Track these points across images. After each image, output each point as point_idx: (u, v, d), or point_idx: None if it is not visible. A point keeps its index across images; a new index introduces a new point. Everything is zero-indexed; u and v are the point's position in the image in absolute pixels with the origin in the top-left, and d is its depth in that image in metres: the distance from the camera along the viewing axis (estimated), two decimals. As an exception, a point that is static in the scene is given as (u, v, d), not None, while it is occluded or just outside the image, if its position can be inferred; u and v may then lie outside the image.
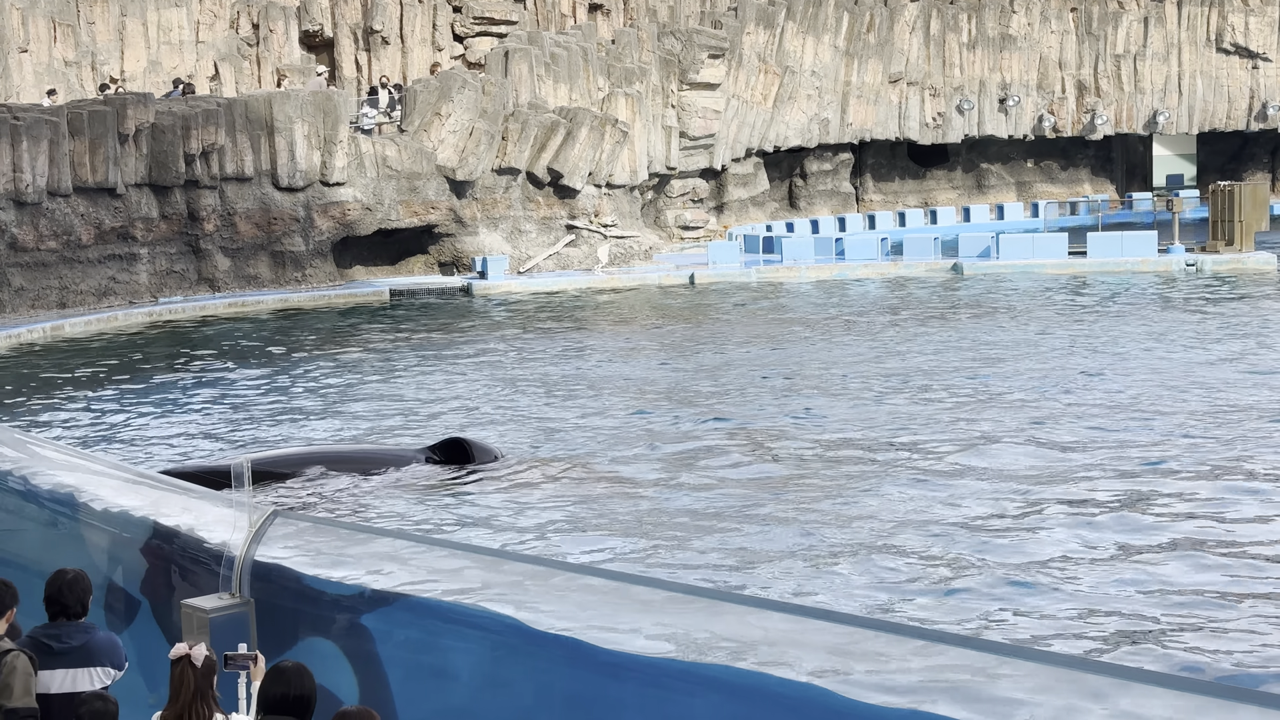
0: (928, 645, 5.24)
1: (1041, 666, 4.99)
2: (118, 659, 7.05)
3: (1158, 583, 12.85)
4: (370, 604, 6.86)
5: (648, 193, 47.05)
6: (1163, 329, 28.73)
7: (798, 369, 25.31)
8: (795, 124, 51.05)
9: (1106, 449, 18.14)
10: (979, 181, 58.06)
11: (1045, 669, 4.96)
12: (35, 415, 22.73)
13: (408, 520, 15.68)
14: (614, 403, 22.63)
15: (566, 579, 6.48)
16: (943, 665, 5.07)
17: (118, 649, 7.07)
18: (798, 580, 13.18)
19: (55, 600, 7.05)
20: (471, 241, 40.56)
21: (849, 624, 5.65)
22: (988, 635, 11.37)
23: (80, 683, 6.89)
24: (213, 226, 36.89)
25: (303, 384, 25.50)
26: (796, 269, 40.77)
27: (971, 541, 14.22)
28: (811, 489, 16.61)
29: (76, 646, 6.94)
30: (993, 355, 26.13)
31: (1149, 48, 56.78)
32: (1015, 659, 5.06)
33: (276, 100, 37.84)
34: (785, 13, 50.23)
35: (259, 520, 7.19)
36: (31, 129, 33.30)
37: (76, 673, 6.90)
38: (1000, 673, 4.92)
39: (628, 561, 13.76)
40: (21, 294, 33.88)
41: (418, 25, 46.89)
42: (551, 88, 42.87)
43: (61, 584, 7.08)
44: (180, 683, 6.26)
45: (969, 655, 5.13)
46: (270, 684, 5.93)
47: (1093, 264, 39.66)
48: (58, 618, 7.03)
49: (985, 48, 54.78)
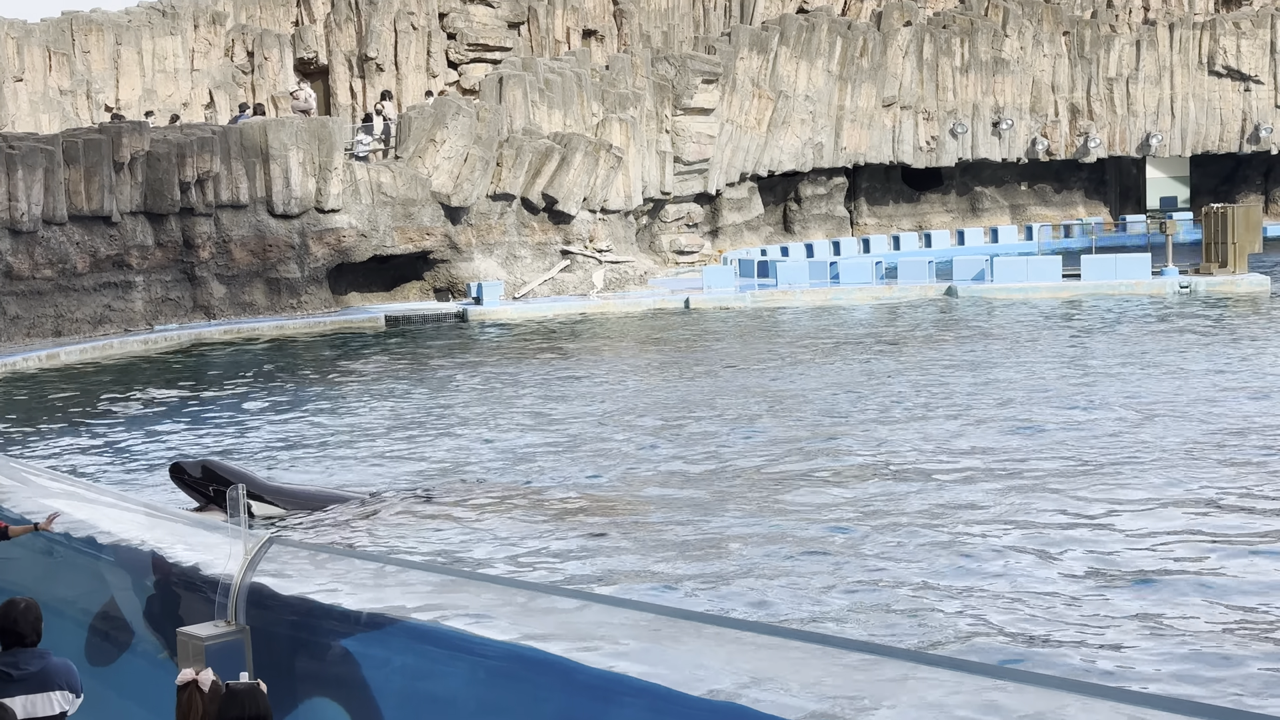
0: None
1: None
2: (74, 683, 7.15)
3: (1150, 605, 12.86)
4: (367, 630, 6.86)
5: (642, 218, 47.14)
6: (1158, 350, 28.76)
7: (787, 393, 25.33)
8: (789, 148, 51.19)
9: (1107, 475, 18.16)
10: (973, 205, 58.22)
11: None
12: (30, 443, 22.71)
13: (394, 547, 15.67)
14: (600, 428, 22.63)
15: (566, 603, 6.48)
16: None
17: (73, 673, 7.19)
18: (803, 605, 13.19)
19: (9, 630, 7.14)
20: (467, 267, 40.61)
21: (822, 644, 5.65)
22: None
23: (39, 708, 6.98)
24: (208, 254, 36.93)
25: (294, 411, 25.50)
26: (791, 293, 40.82)
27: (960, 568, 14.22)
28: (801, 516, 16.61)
29: (33, 673, 7.04)
30: (989, 377, 26.14)
31: (1141, 71, 56.98)
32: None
33: (271, 127, 37.93)
34: (778, 38, 50.40)
35: (255, 547, 7.19)
36: (27, 158, 33.36)
37: (35, 698, 7.00)
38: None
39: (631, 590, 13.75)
40: (17, 322, 33.89)
41: (412, 52, 47.04)
42: (546, 113, 42.98)
43: (15, 614, 7.18)
44: (189, 709, 6.25)
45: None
46: (226, 707, 5.95)
47: (1087, 287, 39.73)
48: (12, 647, 7.12)
49: (978, 71, 54.97)
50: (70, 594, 9.06)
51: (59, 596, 9.22)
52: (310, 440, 22.73)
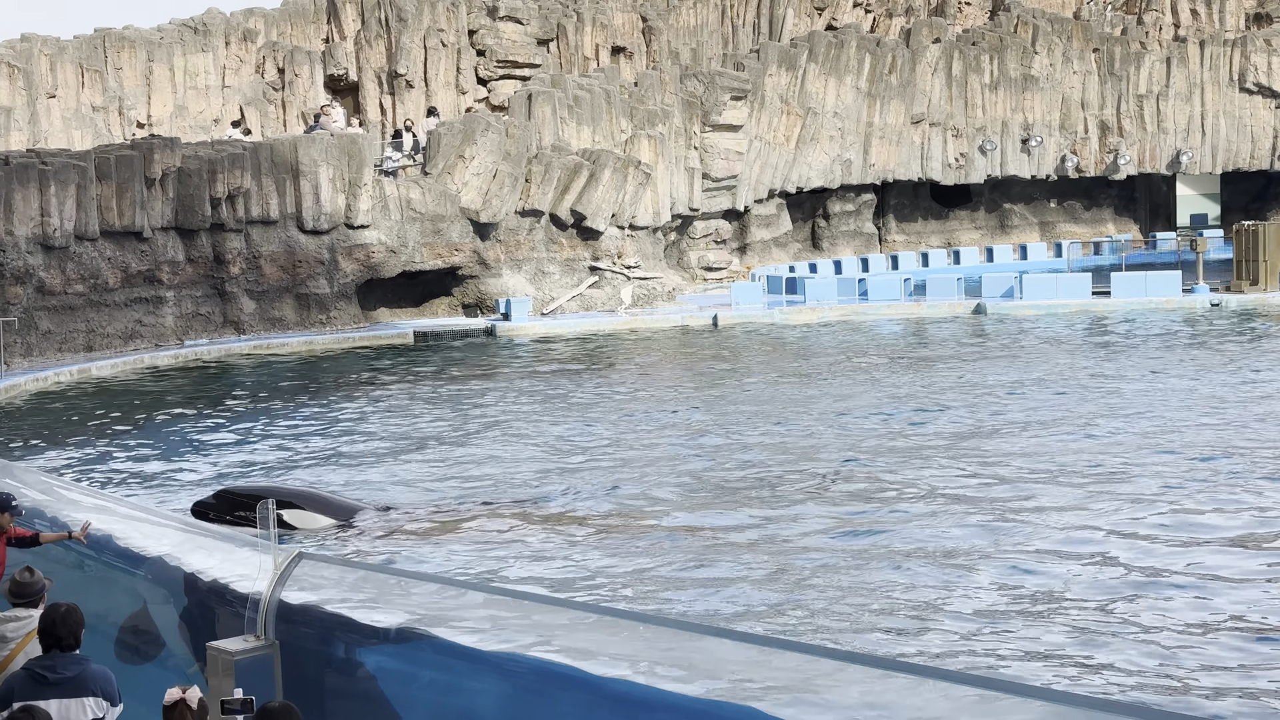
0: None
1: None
2: (111, 691, 7.20)
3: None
4: (395, 645, 6.88)
5: (671, 234, 47.17)
6: (1191, 368, 28.64)
7: (817, 407, 25.30)
8: (818, 165, 51.17)
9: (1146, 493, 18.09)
10: (1002, 222, 58.08)
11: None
12: (62, 458, 22.84)
13: (412, 563, 15.69)
14: (622, 449, 22.63)
15: (592, 620, 6.50)
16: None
17: (111, 681, 7.23)
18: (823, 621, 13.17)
19: (49, 633, 7.22)
20: (495, 283, 40.70)
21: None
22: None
23: (73, 713, 7.04)
24: (238, 269, 37.10)
25: (321, 425, 25.58)
26: (819, 310, 40.78)
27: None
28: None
29: (70, 677, 7.11)
30: (1017, 394, 26.06)
31: (1172, 88, 56.80)
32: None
33: (302, 144, 38.11)
34: (807, 54, 50.42)
35: (284, 562, 7.23)
36: (59, 173, 33.58)
37: (69, 703, 7.06)
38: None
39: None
40: (49, 337, 34.09)
41: (441, 69, 47.20)
42: (575, 130, 43.07)
43: (55, 617, 7.25)
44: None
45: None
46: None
47: (1116, 304, 39.59)
48: (51, 650, 7.19)
49: (1007, 88, 54.87)
50: (100, 607, 9.12)
51: (89, 610, 9.28)
52: (331, 454, 22.79)
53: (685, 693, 5.64)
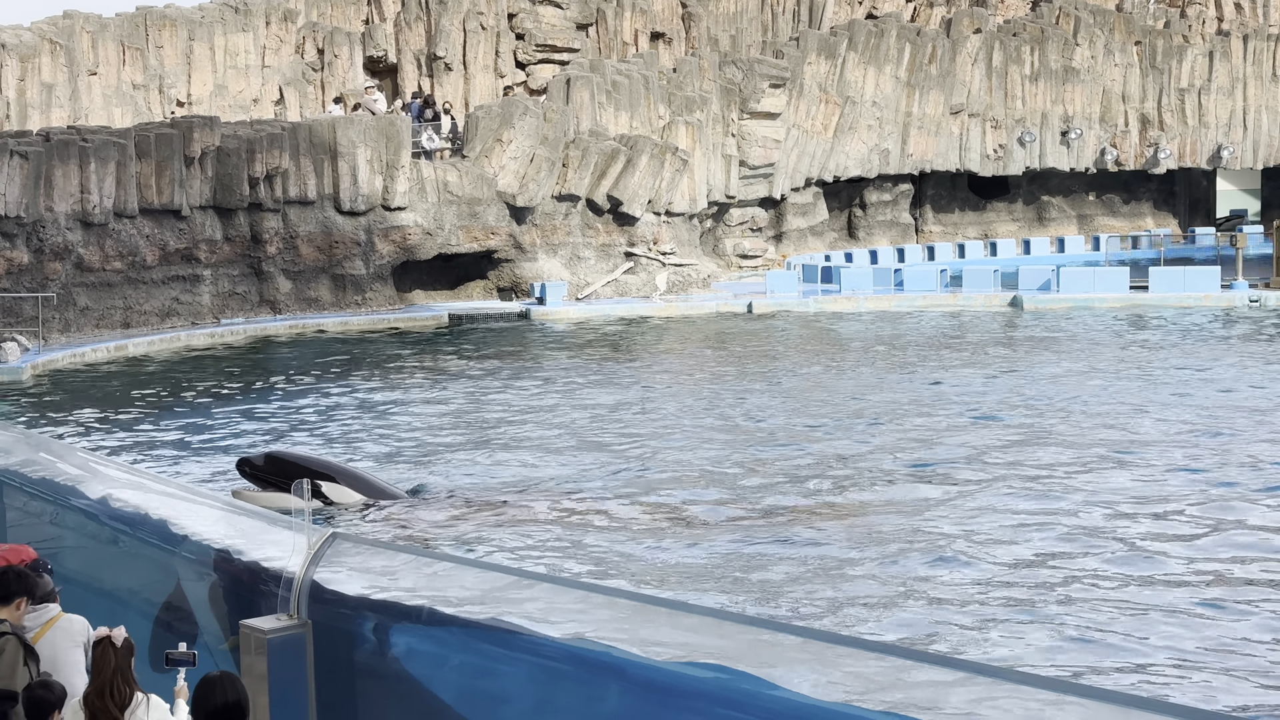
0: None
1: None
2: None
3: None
4: (427, 626, 6.89)
5: (707, 221, 47.11)
6: (1230, 366, 28.46)
7: (851, 401, 25.24)
8: (855, 154, 51.01)
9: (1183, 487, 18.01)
10: (1040, 214, 57.79)
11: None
12: (99, 433, 22.98)
13: (444, 547, 15.73)
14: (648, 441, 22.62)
15: (627, 605, 6.48)
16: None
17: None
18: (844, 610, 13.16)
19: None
20: (530, 267, 40.73)
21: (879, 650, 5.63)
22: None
23: None
24: (275, 249, 37.23)
25: (352, 406, 25.66)
26: (855, 299, 40.68)
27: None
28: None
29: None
30: (1054, 389, 25.95)
31: (1214, 82, 56.38)
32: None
33: (340, 125, 38.19)
34: (847, 43, 50.23)
35: (318, 542, 7.24)
36: (99, 151, 33.75)
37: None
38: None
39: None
40: (87, 313, 34.28)
41: (480, 52, 47.22)
42: (613, 115, 43.03)
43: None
44: (103, 661, 6.62)
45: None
46: (204, 694, 6.13)
47: (1154, 299, 39.36)
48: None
49: (1048, 80, 54.55)
50: (135, 584, 9.16)
51: (124, 586, 9.33)
52: (363, 435, 22.86)
53: (721, 680, 5.63)
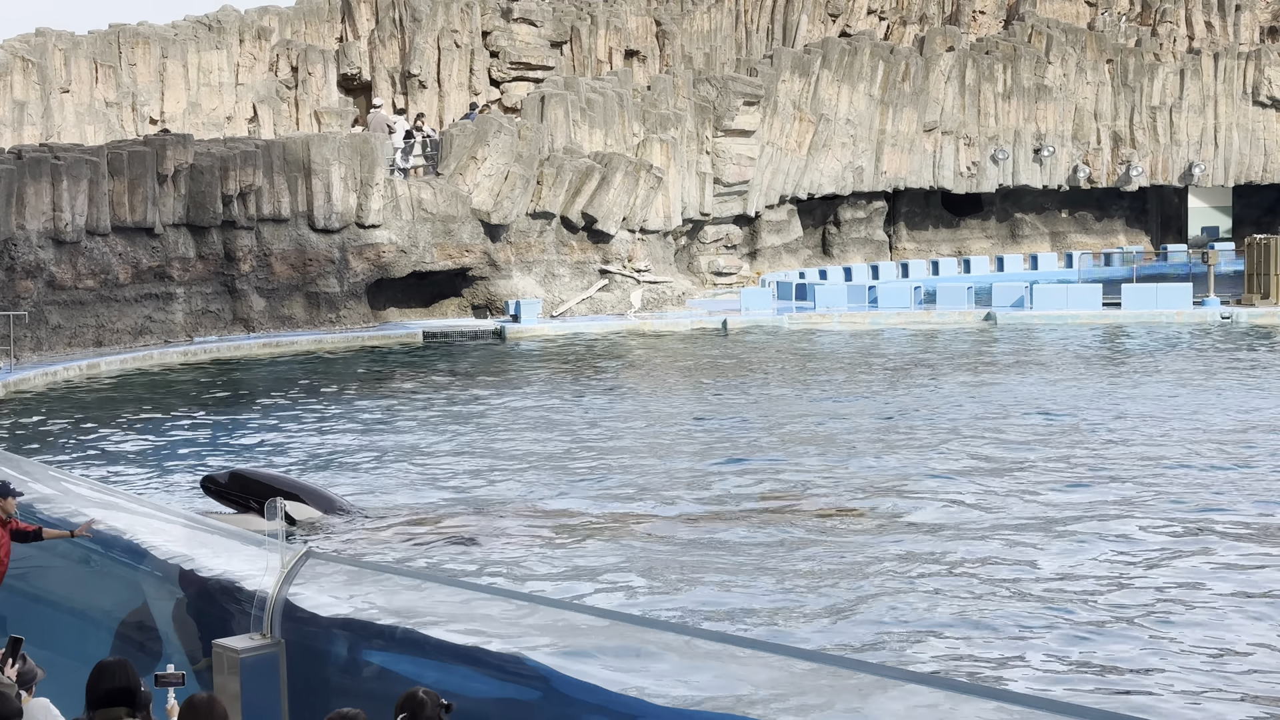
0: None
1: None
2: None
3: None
4: (401, 646, 6.87)
5: (681, 238, 47.15)
6: (1199, 382, 28.58)
7: (810, 418, 25.27)
8: (829, 171, 51.15)
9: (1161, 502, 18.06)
10: (1013, 231, 58.01)
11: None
12: (71, 452, 22.85)
13: (406, 564, 15.67)
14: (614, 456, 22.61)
15: (593, 621, 6.48)
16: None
17: None
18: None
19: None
20: (505, 285, 40.70)
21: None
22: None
23: None
24: (249, 267, 37.13)
25: (329, 425, 25.58)
26: (829, 316, 40.75)
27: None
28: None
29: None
30: (1031, 407, 26.03)
31: (1185, 100, 56.71)
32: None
33: (314, 142, 38.13)
34: (820, 61, 50.39)
35: (291, 561, 7.21)
36: (72, 168, 33.62)
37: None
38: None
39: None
40: (59, 332, 34.11)
41: (455, 70, 47.22)
42: (587, 133, 43.07)
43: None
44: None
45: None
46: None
47: (1127, 316, 39.54)
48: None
49: (1020, 98, 54.80)
50: (105, 603, 9.11)
51: (94, 605, 9.28)
52: (330, 453, 22.79)
53: (692, 708, 5.62)
